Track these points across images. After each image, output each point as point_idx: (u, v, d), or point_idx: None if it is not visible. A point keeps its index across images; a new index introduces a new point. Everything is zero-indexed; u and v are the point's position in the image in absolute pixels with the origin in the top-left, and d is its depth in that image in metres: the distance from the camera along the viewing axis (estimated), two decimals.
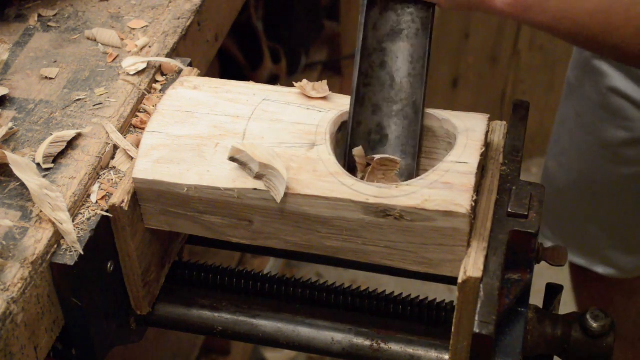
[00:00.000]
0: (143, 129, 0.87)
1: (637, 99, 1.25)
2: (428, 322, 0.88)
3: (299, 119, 0.84)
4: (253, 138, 0.83)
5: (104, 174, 0.84)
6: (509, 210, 0.80)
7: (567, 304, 1.09)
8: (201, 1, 1.03)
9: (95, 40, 0.98)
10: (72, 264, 0.77)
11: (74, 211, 0.80)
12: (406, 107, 0.82)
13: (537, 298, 0.86)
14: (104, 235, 0.81)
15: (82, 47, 0.97)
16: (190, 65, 0.95)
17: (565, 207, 1.42)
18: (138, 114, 0.90)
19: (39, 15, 1.02)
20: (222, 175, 0.80)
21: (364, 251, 0.81)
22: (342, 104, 0.85)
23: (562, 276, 0.99)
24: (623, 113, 1.28)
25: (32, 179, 0.80)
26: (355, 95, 0.83)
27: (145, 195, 0.82)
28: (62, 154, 0.84)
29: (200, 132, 0.84)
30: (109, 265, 0.83)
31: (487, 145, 0.83)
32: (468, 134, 0.81)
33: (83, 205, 0.81)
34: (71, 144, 0.85)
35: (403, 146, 0.83)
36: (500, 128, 0.86)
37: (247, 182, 0.80)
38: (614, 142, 1.31)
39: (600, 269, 1.41)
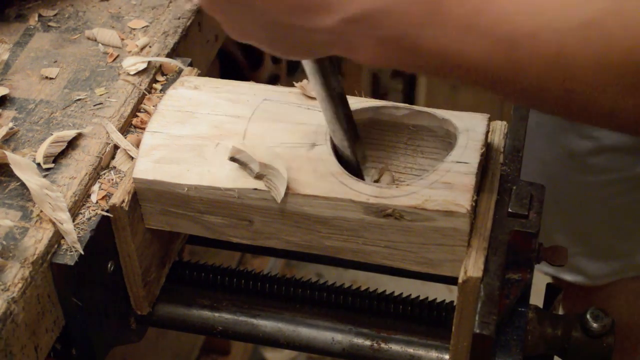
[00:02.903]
0: (143, 128, 0.87)
1: None
2: (428, 322, 0.88)
3: (300, 119, 0.84)
4: (253, 138, 0.83)
5: (104, 173, 0.84)
6: (509, 210, 0.80)
7: None
8: None
9: (95, 40, 0.98)
10: (72, 263, 0.77)
11: (74, 211, 0.80)
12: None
13: (537, 298, 0.86)
14: (104, 235, 0.81)
15: (82, 47, 0.97)
16: (190, 65, 0.95)
17: None
18: (138, 113, 0.90)
19: (39, 15, 1.02)
20: (222, 175, 0.80)
21: (364, 251, 0.81)
22: None
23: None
24: None
25: (32, 179, 0.80)
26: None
27: (145, 195, 0.82)
28: (62, 153, 0.84)
29: (201, 132, 0.84)
30: (109, 265, 0.83)
31: (487, 145, 0.83)
32: (468, 134, 0.81)
33: (83, 205, 0.81)
34: (71, 143, 0.85)
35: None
36: (500, 128, 0.86)
37: (247, 182, 0.80)
38: (579, 152, 1.30)
39: (568, 277, 1.41)
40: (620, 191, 1.31)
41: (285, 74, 2.05)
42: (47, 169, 0.83)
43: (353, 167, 0.82)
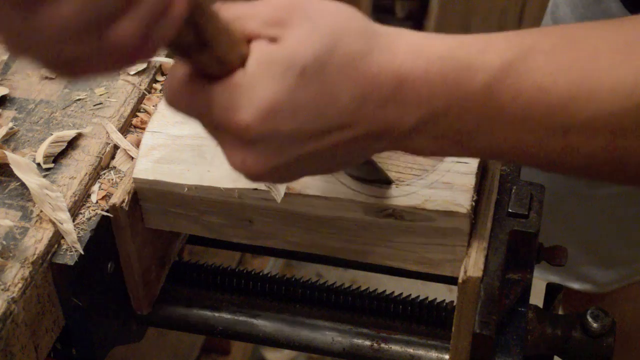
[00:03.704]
0: (143, 128, 0.87)
1: None
2: (428, 322, 0.88)
3: None
4: None
5: (104, 173, 0.84)
6: (509, 210, 0.80)
7: None
8: None
9: None
10: (72, 263, 0.77)
11: (74, 211, 0.80)
12: None
13: (537, 298, 0.86)
14: (104, 235, 0.81)
15: None
16: None
17: None
18: (138, 113, 0.90)
19: None
20: (222, 175, 0.80)
21: (364, 251, 0.81)
22: None
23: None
24: None
25: (32, 179, 0.80)
26: None
27: (145, 195, 0.82)
28: (62, 153, 0.84)
29: (201, 132, 0.83)
30: (109, 265, 0.83)
31: None
32: None
33: (83, 205, 0.81)
34: (71, 143, 0.85)
35: None
36: None
37: (247, 182, 0.79)
38: None
39: (576, 285, 1.40)
40: (628, 202, 1.30)
41: None
42: (47, 169, 0.83)
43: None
